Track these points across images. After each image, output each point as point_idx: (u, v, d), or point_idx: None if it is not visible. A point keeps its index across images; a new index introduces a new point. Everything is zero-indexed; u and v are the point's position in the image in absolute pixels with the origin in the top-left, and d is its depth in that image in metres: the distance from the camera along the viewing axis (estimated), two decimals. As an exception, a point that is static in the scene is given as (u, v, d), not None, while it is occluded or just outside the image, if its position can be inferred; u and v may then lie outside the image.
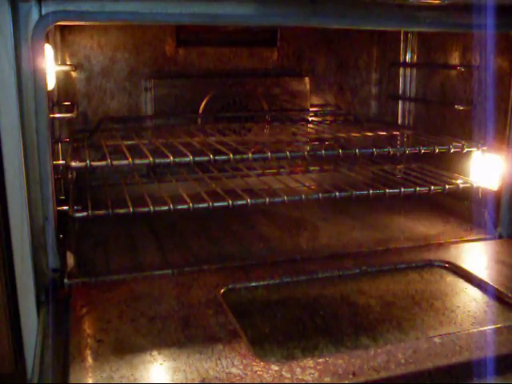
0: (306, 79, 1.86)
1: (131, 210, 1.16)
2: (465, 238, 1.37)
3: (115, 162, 1.17)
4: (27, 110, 1.00)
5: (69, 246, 1.21)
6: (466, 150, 1.38)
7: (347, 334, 0.96)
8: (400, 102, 1.85)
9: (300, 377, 0.78)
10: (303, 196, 1.27)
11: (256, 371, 0.79)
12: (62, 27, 1.62)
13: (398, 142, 1.78)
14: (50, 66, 1.26)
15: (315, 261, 1.21)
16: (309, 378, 0.78)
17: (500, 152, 1.36)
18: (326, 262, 1.20)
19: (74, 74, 1.68)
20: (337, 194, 1.30)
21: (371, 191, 1.30)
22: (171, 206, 1.19)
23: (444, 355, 0.84)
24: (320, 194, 1.29)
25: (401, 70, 1.83)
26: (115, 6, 1.01)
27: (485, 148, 1.40)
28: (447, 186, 1.36)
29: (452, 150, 1.36)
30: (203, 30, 1.77)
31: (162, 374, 0.80)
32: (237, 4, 1.07)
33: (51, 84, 1.30)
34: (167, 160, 1.19)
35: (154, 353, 0.84)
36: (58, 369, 0.83)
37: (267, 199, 1.24)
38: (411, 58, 1.80)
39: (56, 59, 1.58)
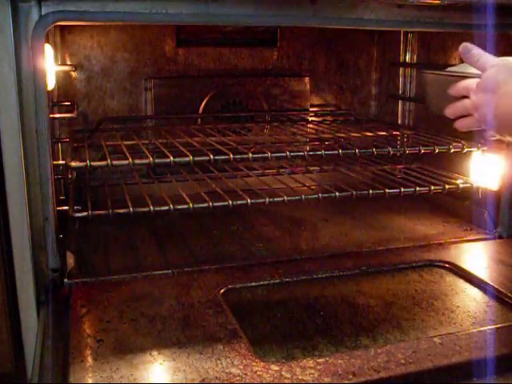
0: (306, 79, 1.86)
1: (131, 210, 1.16)
2: (465, 238, 1.37)
3: (115, 162, 1.17)
4: (27, 109, 1.00)
5: (69, 246, 1.21)
6: (465, 149, 1.38)
7: (347, 334, 0.96)
8: (400, 102, 1.85)
9: (300, 377, 0.78)
10: (303, 196, 1.27)
11: (256, 371, 0.79)
12: (62, 27, 1.62)
13: (398, 142, 1.78)
14: (50, 66, 1.26)
15: (315, 261, 1.21)
16: (309, 378, 0.78)
17: (500, 152, 1.36)
18: (325, 262, 1.20)
19: (73, 74, 1.68)
20: (337, 194, 1.30)
21: (371, 191, 1.30)
22: (171, 206, 1.19)
23: (444, 355, 0.84)
24: (320, 194, 1.29)
25: (401, 70, 1.83)
26: (115, 5, 1.01)
27: (485, 148, 1.39)
28: (447, 186, 1.36)
29: (452, 150, 1.36)
30: (203, 30, 1.77)
31: (162, 374, 0.80)
32: (237, 4, 1.07)
33: (51, 84, 1.30)
34: (167, 160, 1.19)
35: (154, 353, 0.84)
36: (57, 369, 0.83)
37: (267, 199, 1.24)
38: (411, 58, 1.80)
39: (56, 59, 1.58)
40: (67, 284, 1.08)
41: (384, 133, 1.62)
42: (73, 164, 1.17)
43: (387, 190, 1.31)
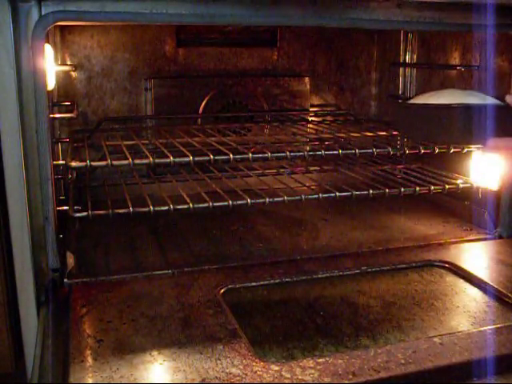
0: (306, 79, 1.86)
1: (131, 210, 1.16)
2: (465, 238, 1.37)
3: (115, 162, 1.17)
4: (27, 110, 1.00)
5: (69, 246, 1.21)
6: (465, 150, 1.38)
7: (347, 334, 0.96)
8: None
9: (300, 377, 0.78)
10: (303, 196, 1.27)
11: (256, 371, 0.79)
12: (62, 27, 1.62)
13: (398, 142, 1.78)
14: (50, 66, 1.26)
15: (315, 261, 1.21)
16: (309, 378, 0.78)
17: (500, 152, 1.36)
18: (326, 262, 1.20)
19: (73, 74, 1.68)
20: (337, 194, 1.30)
21: (371, 191, 1.30)
22: (171, 206, 1.18)
23: (444, 355, 0.84)
24: (320, 194, 1.29)
25: (401, 70, 1.83)
26: (115, 6, 1.01)
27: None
28: (447, 186, 1.36)
29: (452, 150, 1.36)
30: (203, 30, 1.77)
31: (162, 374, 0.80)
32: (236, 4, 1.07)
33: (51, 84, 1.30)
34: (167, 160, 1.19)
35: (154, 353, 0.84)
36: (57, 369, 0.83)
37: (267, 199, 1.24)
38: (411, 58, 1.80)
39: (56, 59, 1.58)
40: (67, 284, 1.08)
41: (384, 133, 1.62)
42: (73, 164, 1.17)
43: (387, 190, 1.31)
